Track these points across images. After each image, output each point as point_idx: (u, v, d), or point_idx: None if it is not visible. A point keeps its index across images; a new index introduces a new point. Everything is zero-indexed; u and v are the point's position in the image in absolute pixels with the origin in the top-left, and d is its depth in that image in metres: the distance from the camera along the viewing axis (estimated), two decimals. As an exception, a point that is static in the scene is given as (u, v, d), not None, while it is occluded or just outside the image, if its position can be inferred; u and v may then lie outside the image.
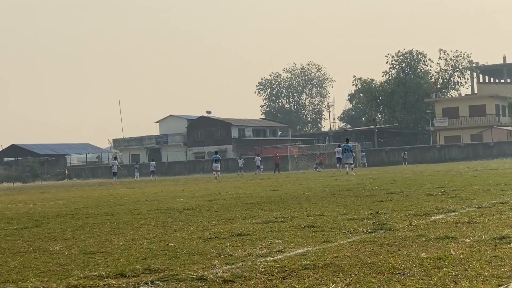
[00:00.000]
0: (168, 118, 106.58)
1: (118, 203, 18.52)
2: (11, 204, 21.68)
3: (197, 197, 19.65)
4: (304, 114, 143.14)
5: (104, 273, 6.14)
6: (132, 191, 28.85)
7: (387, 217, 10.12)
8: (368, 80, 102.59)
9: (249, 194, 19.67)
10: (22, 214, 15.90)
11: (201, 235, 9.04)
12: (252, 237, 8.45)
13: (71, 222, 12.62)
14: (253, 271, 5.92)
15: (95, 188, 37.14)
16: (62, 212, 15.63)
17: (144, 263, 6.67)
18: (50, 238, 9.73)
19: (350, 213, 11.10)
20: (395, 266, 5.86)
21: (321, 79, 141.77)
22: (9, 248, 8.66)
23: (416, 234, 7.90)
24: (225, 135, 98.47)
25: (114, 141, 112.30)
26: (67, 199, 23.02)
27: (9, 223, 12.98)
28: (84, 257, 7.47)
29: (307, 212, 11.85)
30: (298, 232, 8.81)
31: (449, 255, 6.22)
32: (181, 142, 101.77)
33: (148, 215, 13.37)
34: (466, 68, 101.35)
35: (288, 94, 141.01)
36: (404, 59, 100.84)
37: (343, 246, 7.23)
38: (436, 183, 20.33)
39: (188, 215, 12.85)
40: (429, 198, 13.97)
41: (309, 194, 17.98)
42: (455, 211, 10.56)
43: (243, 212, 12.73)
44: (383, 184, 21.75)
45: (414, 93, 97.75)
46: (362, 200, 14.55)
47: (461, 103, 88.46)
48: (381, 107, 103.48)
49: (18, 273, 6.54)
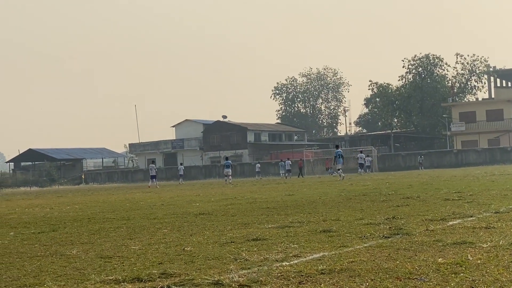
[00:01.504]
0: (184, 122, 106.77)
1: (134, 208, 18.57)
2: (28, 208, 21.79)
3: (213, 202, 19.65)
4: (320, 119, 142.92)
5: (120, 278, 6.16)
6: (148, 195, 28.91)
7: (403, 222, 10.07)
8: (385, 84, 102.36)
9: (265, 199, 19.65)
10: (39, 218, 15.98)
11: (217, 239, 9.04)
12: (268, 242, 8.43)
13: (87, 226, 12.66)
14: (269, 275, 5.91)
15: (111, 193, 37.26)
16: (78, 217, 15.69)
17: (160, 268, 6.68)
18: (67, 242, 9.78)
19: (366, 218, 11.06)
20: (411, 271, 5.83)
21: (337, 84, 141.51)
22: (26, 252, 8.70)
23: (433, 239, 7.85)
24: (241, 139, 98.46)
25: (130, 146, 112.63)
26: (84, 204, 23.11)
27: (26, 227, 13.04)
28: (100, 261, 7.50)
29: (323, 217, 11.82)
30: (314, 237, 8.79)
31: (467, 261, 6.18)
32: (197, 146, 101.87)
33: (164, 219, 13.39)
34: (483, 72, 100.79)
35: (304, 98, 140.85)
36: (420, 64, 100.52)
37: (360, 251, 7.20)
38: (453, 188, 20.21)
39: (204, 219, 12.86)
40: (446, 203, 13.88)
41: (325, 199, 17.94)
42: (472, 216, 10.49)
43: (259, 217, 12.71)
44: (399, 189, 21.65)
45: (430, 98, 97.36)
46: (378, 205, 14.50)
47: (478, 108, 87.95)
48: (398, 112, 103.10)
49: (35, 277, 6.57)
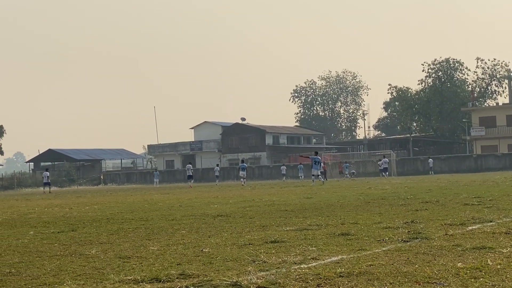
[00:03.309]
0: (203, 124, 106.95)
1: (153, 209, 18.63)
2: (48, 208, 21.93)
3: (231, 204, 19.67)
4: (339, 122, 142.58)
5: (139, 278, 6.19)
6: (167, 197, 28.99)
7: (422, 226, 10.03)
8: (404, 88, 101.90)
9: (283, 202, 19.64)
10: (59, 218, 16.08)
11: (235, 241, 9.05)
12: (286, 244, 8.43)
13: (106, 226, 12.73)
14: (287, 278, 5.91)
15: (129, 194, 37.41)
16: (97, 217, 15.78)
17: (178, 268, 6.70)
18: (86, 242, 9.83)
19: (385, 222, 11.02)
20: (431, 275, 5.80)
21: (356, 87, 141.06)
22: (46, 252, 8.76)
23: (452, 243, 7.81)
24: (259, 142, 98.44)
25: (149, 147, 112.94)
26: (102, 204, 23.22)
27: (45, 227, 13.14)
28: (119, 261, 7.53)
29: (341, 220, 11.80)
30: (333, 240, 8.77)
31: (486, 265, 6.14)
32: (215, 148, 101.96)
33: (182, 221, 13.43)
34: (504, 77, 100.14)
35: (323, 101, 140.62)
36: (440, 68, 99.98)
37: (378, 255, 7.18)
38: (472, 192, 20.09)
39: (222, 221, 12.88)
40: (465, 207, 13.81)
41: (343, 202, 17.90)
42: (492, 221, 10.42)
43: (277, 219, 12.71)
44: (418, 193, 21.56)
45: (450, 102, 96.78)
46: (397, 208, 14.44)
47: (498, 112, 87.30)
48: (417, 116, 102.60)
49: (55, 276, 6.62)
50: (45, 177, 55.30)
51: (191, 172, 55.93)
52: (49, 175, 56.90)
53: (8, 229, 12.99)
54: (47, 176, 55.42)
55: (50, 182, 57.72)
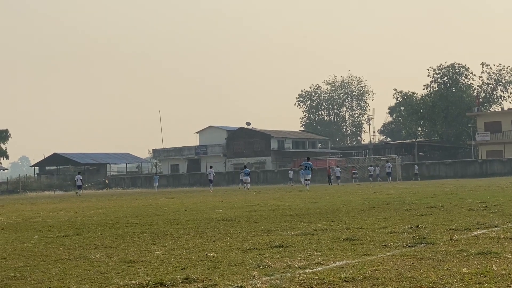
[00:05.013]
0: (208, 129, 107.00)
1: (158, 213, 18.64)
2: (53, 212, 21.95)
3: (236, 208, 19.66)
4: (344, 127, 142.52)
5: (143, 282, 6.19)
6: (172, 201, 29.00)
7: (427, 231, 10.01)
8: (409, 93, 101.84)
9: (288, 206, 19.63)
10: (63, 222, 16.10)
11: (240, 246, 9.05)
12: (291, 249, 8.43)
13: (111, 230, 12.74)
14: (292, 282, 5.91)
15: (134, 198, 37.42)
16: (102, 221, 15.79)
17: (183, 273, 6.71)
18: (91, 246, 9.84)
19: (390, 227, 11.01)
20: (435, 280, 5.79)
21: (362, 92, 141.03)
22: (50, 256, 8.78)
23: (457, 249, 7.80)
24: (264, 146, 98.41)
25: (154, 151, 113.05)
26: (107, 208, 23.24)
27: (50, 231, 13.15)
28: (124, 265, 7.54)
29: (346, 225, 11.79)
30: (337, 244, 8.77)
31: (491, 271, 6.13)
32: (220, 153, 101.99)
33: (187, 225, 13.42)
34: (509, 82, 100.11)
35: (328, 106, 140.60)
36: (446, 73, 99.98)
37: (383, 260, 7.17)
38: (477, 198, 20.04)
39: (227, 226, 12.87)
40: (471, 213, 13.78)
41: (348, 207, 17.88)
42: (497, 226, 10.40)
43: (282, 224, 12.70)
44: (423, 198, 21.52)
45: (455, 107, 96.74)
46: (402, 213, 14.42)
47: (503, 118, 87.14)
48: (422, 121, 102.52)
49: (60, 280, 6.63)
50: (78, 180, 56.96)
51: (212, 176, 56.54)
52: (82, 178, 58.60)
53: (13, 233, 13.02)
54: (80, 179, 57.17)
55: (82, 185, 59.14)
